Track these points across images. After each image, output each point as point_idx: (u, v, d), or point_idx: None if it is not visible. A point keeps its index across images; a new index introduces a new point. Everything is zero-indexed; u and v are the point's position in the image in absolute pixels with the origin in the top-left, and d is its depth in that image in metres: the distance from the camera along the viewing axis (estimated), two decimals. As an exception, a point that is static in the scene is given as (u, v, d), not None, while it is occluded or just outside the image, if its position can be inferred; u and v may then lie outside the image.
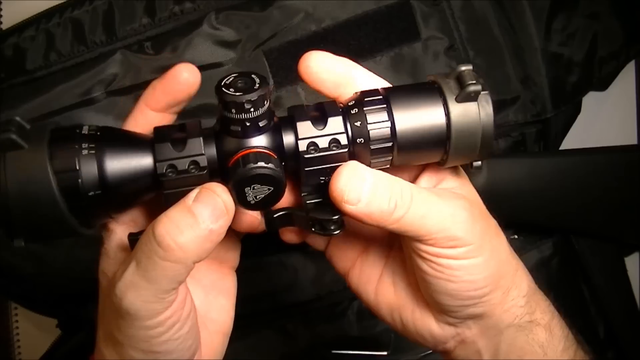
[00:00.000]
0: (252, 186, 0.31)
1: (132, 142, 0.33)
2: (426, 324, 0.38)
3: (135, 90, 0.59)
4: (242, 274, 0.63)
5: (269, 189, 0.32)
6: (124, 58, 0.59)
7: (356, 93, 0.35)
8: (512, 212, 0.60)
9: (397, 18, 0.61)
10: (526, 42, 0.64)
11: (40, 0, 0.62)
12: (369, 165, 0.34)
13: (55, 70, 0.60)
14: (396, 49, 0.61)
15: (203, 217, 0.31)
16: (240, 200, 0.32)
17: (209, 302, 0.40)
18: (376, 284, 0.40)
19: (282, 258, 0.65)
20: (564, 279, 0.68)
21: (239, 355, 0.64)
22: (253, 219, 0.36)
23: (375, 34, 0.60)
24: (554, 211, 0.63)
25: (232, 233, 0.41)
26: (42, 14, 0.60)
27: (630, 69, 0.76)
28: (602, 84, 0.71)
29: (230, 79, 0.32)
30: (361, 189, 0.32)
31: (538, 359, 0.36)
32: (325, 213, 0.33)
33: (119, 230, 0.36)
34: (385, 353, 0.65)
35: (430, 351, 0.65)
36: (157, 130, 0.33)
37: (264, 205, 0.32)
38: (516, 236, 0.66)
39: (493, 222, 0.38)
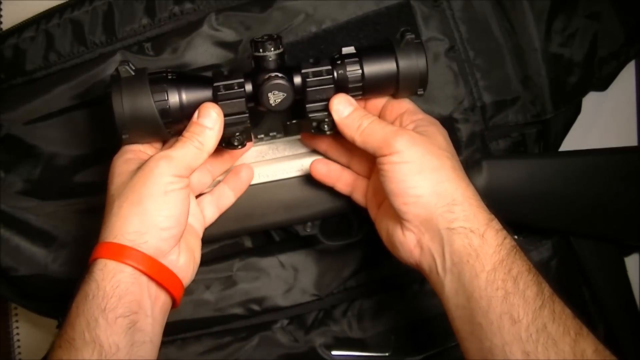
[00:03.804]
0: (272, 91, 0.50)
1: (199, 78, 0.53)
2: (397, 234, 0.51)
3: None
4: (243, 274, 0.64)
5: (283, 95, 0.51)
6: (123, 59, 0.59)
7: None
8: (511, 213, 0.60)
9: (398, 19, 0.61)
10: (526, 43, 0.64)
11: (40, 1, 0.62)
12: (347, 93, 0.52)
13: (54, 71, 0.60)
14: (396, 49, 0.61)
15: (206, 124, 0.50)
16: (265, 102, 0.51)
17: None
18: (382, 209, 0.55)
19: (282, 259, 0.65)
20: (564, 280, 0.68)
21: (239, 356, 0.64)
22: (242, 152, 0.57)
23: (376, 35, 0.60)
24: (554, 212, 0.63)
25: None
26: (41, 14, 0.60)
27: (630, 69, 0.76)
28: (602, 84, 0.71)
29: (260, 36, 0.52)
30: (345, 107, 0.52)
31: (472, 258, 0.47)
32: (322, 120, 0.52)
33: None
34: (386, 354, 0.65)
35: (431, 352, 0.65)
36: (215, 71, 0.52)
37: (280, 106, 0.51)
38: (515, 237, 0.66)
39: (450, 161, 0.50)
